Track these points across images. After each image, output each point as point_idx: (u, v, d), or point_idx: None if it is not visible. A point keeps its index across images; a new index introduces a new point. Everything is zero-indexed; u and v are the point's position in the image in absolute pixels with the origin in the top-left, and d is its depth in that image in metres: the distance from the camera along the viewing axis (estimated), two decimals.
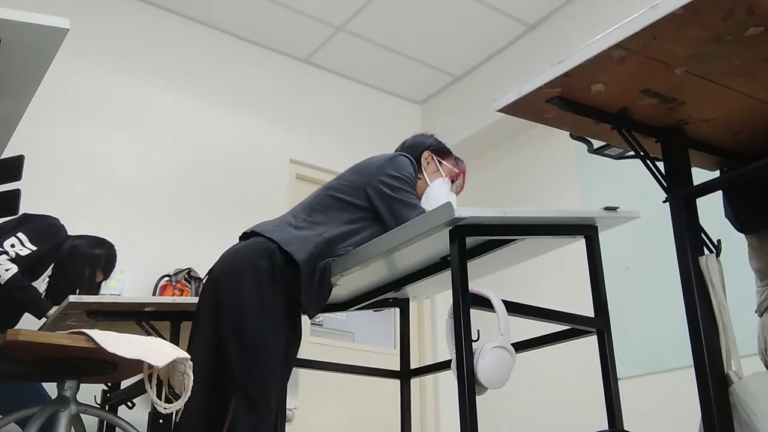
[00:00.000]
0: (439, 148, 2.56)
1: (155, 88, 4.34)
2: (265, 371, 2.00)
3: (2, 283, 2.77)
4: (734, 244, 1.88)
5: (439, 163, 2.51)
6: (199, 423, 2.01)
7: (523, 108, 1.69)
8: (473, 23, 4.64)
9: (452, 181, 2.52)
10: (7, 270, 2.78)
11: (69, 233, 3.14)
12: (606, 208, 2.06)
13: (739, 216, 1.95)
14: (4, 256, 2.80)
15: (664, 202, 1.67)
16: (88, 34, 4.07)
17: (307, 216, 2.27)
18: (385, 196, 2.25)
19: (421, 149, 2.52)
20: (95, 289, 3.17)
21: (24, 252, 2.85)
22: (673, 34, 1.39)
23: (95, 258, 3.12)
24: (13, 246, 2.84)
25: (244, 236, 2.27)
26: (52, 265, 3.09)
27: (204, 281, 2.25)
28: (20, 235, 2.88)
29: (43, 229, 3.00)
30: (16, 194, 2.71)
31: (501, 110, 1.70)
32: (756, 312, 1.93)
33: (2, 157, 2.64)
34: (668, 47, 1.43)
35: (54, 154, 3.81)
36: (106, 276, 3.24)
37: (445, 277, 2.03)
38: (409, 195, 2.27)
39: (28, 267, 2.91)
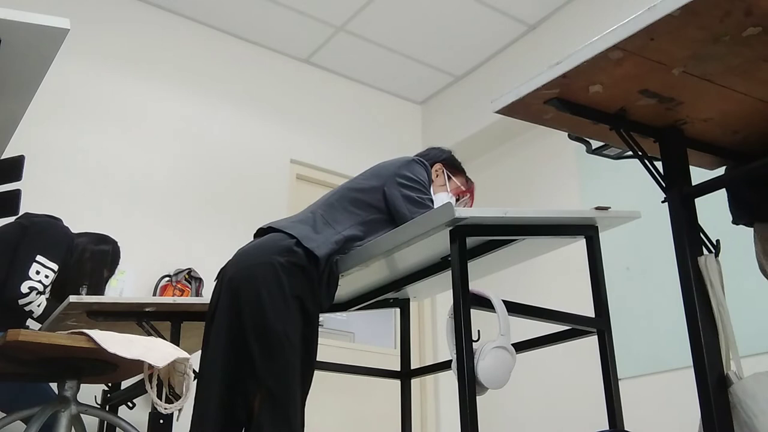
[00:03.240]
0: (452, 164, 2.59)
1: (155, 88, 4.34)
2: (288, 368, 1.99)
3: (34, 317, 2.78)
4: (734, 245, 1.88)
5: (449, 178, 2.54)
6: (217, 424, 2.00)
7: (521, 109, 1.69)
8: (473, 23, 4.64)
9: (458, 198, 2.54)
10: (39, 305, 2.76)
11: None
12: (597, 208, 2.06)
13: (749, 204, 1.91)
14: (42, 296, 2.77)
15: (662, 202, 1.67)
16: (88, 34, 4.07)
17: (325, 213, 2.28)
18: (401, 198, 2.28)
19: (434, 161, 2.56)
20: (101, 287, 3.15)
21: (50, 276, 2.82)
22: (671, 35, 1.39)
23: (101, 254, 3.10)
24: (38, 273, 2.78)
25: (260, 232, 2.28)
26: None
27: (218, 279, 2.22)
28: (39, 258, 2.81)
29: (55, 240, 2.93)
30: (16, 194, 2.72)
31: (499, 111, 1.70)
32: None
33: (2, 158, 2.64)
34: (666, 48, 1.44)
35: (54, 154, 3.81)
36: (111, 273, 3.23)
37: (446, 277, 2.04)
38: (425, 198, 2.32)
39: (54, 285, 2.90)
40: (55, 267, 2.85)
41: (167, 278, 3.88)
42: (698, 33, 1.39)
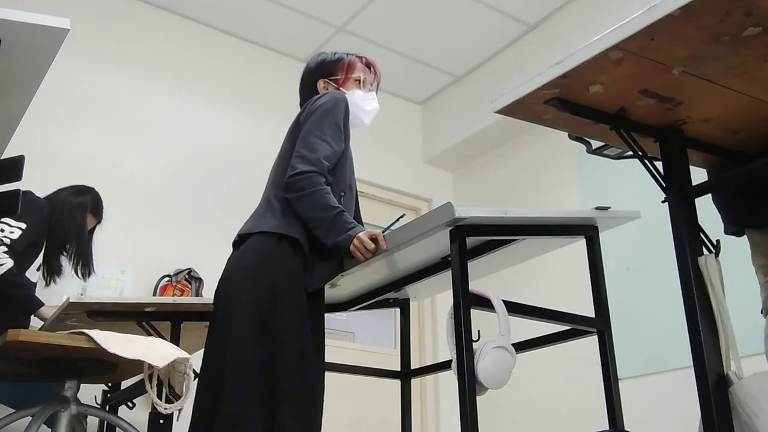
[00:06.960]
0: (323, 71, 2.57)
1: (155, 88, 4.34)
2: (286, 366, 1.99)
3: None
4: (733, 245, 1.88)
5: (335, 81, 2.52)
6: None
7: (521, 109, 1.69)
8: (473, 23, 4.64)
9: (359, 84, 2.55)
10: (2, 264, 2.66)
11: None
12: (597, 208, 2.06)
13: (741, 211, 1.93)
14: (2, 248, 2.68)
15: (663, 202, 1.67)
16: (88, 34, 4.07)
17: (278, 192, 2.21)
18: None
19: (315, 81, 2.56)
20: (85, 238, 3.10)
21: (15, 234, 2.73)
22: (671, 35, 1.39)
23: (82, 205, 3.10)
24: (2, 231, 2.71)
25: (234, 245, 2.23)
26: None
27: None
28: (5, 220, 2.74)
29: (24, 205, 2.92)
30: (16, 194, 2.71)
31: (499, 111, 1.70)
32: (762, 312, 1.92)
33: (2, 158, 2.64)
34: (666, 48, 1.44)
35: (54, 154, 3.81)
36: (99, 220, 3.19)
37: (446, 277, 2.04)
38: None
39: (24, 252, 2.81)
40: (23, 225, 2.77)
41: (167, 278, 3.88)
42: (698, 33, 1.39)
